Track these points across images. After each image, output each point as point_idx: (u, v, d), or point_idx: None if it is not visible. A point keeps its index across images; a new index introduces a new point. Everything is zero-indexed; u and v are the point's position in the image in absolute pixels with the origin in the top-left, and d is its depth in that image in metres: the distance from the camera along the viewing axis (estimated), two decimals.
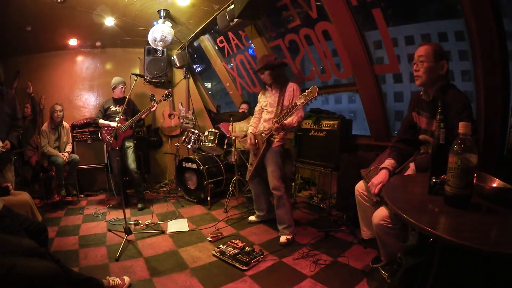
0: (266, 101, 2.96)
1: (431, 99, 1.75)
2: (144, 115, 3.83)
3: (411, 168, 1.78)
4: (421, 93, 1.86)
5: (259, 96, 3.13)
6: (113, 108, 3.95)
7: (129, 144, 3.88)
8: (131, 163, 3.85)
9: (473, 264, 0.99)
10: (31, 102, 4.27)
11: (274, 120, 2.71)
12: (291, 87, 2.81)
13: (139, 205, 3.87)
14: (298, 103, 2.52)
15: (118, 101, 3.98)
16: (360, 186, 2.15)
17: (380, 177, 1.80)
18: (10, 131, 2.95)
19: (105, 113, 3.94)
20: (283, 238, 2.77)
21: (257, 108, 3.12)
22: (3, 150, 2.79)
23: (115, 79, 3.97)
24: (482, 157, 2.23)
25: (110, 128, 3.83)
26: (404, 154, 1.92)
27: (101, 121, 3.90)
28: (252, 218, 3.34)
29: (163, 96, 3.93)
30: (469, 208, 1.07)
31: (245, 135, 4.13)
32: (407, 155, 1.92)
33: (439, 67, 1.68)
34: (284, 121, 2.66)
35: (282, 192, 2.82)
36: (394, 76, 3.57)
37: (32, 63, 4.70)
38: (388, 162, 1.86)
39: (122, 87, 3.95)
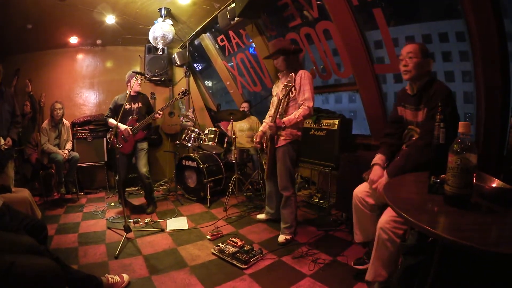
0: (276, 91, 2.74)
1: (416, 93, 1.85)
2: (153, 118, 3.49)
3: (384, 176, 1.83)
4: (406, 87, 1.96)
5: (273, 87, 2.95)
6: (127, 106, 3.49)
7: (142, 146, 3.53)
8: (142, 167, 3.49)
9: (472, 263, 0.99)
10: (30, 100, 4.27)
11: (270, 118, 2.55)
12: (299, 75, 2.49)
13: (148, 209, 3.64)
14: (281, 96, 2.40)
15: (132, 99, 3.54)
16: (359, 190, 2.08)
17: (377, 173, 1.89)
18: (11, 128, 2.98)
19: (117, 111, 3.35)
20: (281, 238, 2.76)
21: (272, 101, 2.94)
22: (5, 147, 2.83)
23: (131, 72, 3.52)
24: (482, 157, 2.24)
25: (120, 131, 3.44)
26: (392, 146, 2.02)
27: (111, 120, 3.47)
28: (260, 216, 3.33)
29: (179, 94, 3.69)
30: (468, 207, 1.07)
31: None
32: (394, 147, 2.01)
33: (426, 63, 1.79)
34: (283, 119, 2.46)
35: (291, 193, 2.75)
36: (394, 76, 3.57)
37: (33, 61, 4.70)
38: (378, 158, 1.98)
39: (140, 80, 3.50)
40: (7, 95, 2.97)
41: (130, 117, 3.50)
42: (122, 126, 3.42)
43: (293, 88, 2.47)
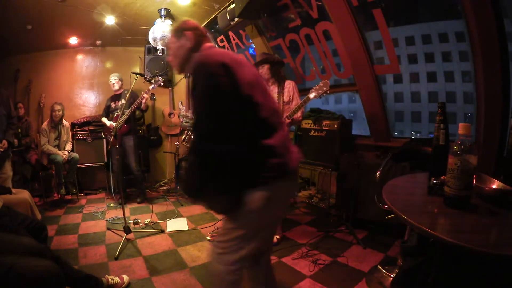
0: None
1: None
2: (132, 109, 3.73)
3: None
4: None
5: None
6: (113, 105, 4.06)
7: (129, 142, 3.92)
8: (132, 162, 3.93)
9: (473, 265, 0.99)
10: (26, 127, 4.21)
11: (285, 116, 2.71)
12: (290, 84, 2.84)
13: (138, 199, 4.06)
14: (311, 96, 2.60)
15: (115, 98, 4.10)
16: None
17: None
18: (7, 130, 2.99)
19: (108, 111, 4.09)
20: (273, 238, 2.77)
21: None
22: (1, 150, 2.83)
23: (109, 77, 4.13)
24: (482, 158, 2.23)
25: (107, 127, 3.97)
26: None
27: (103, 119, 4.05)
28: None
29: (153, 81, 3.79)
30: (468, 209, 1.07)
31: None
32: None
33: (183, 41, 1.40)
34: (293, 116, 2.71)
35: None
36: (394, 76, 3.58)
37: (32, 62, 4.69)
38: None
39: (114, 81, 4.05)
40: (2, 98, 2.96)
41: (116, 114, 3.94)
42: (108, 122, 3.95)
43: (292, 94, 2.81)
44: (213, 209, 1.40)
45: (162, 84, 3.85)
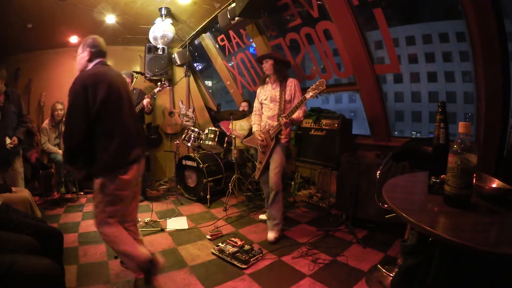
0: (266, 95, 2.96)
1: None
2: (137, 110, 3.72)
3: None
4: None
5: (258, 91, 3.10)
6: None
7: None
8: None
9: (472, 264, 0.99)
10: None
11: (283, 115, 2.71)
12: (292, 82, 2.85)
13: (140, 197, 3.94)
14: (308, 96, 2.58)
15: None
16: None
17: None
18: (18, 127, 3.09)
19: None
20: (271, 236, 2.77)
21: (256, 104, 3.11)
22: (11, 146, 2.93)
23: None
24: (482, 158, 2.23)
25: None
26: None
27: None
28: (263, 216, 3.34)
29: (159, 84, 3.86)
30: (468, 208, 1.07)
31: (248, 135, 4.13)
32: None
33: (84, 54, 1.92)
34: (293, 116, 2.70)
35: (281, 188, 2.85)
36: (394, 76, 3.59)
37: (33, 61, 4.69)
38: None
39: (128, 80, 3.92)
40: (13, 97, 3.07)
41: None
42: None
43: (294, 93, 2.84)
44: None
45: (168, 87, 3.86)
